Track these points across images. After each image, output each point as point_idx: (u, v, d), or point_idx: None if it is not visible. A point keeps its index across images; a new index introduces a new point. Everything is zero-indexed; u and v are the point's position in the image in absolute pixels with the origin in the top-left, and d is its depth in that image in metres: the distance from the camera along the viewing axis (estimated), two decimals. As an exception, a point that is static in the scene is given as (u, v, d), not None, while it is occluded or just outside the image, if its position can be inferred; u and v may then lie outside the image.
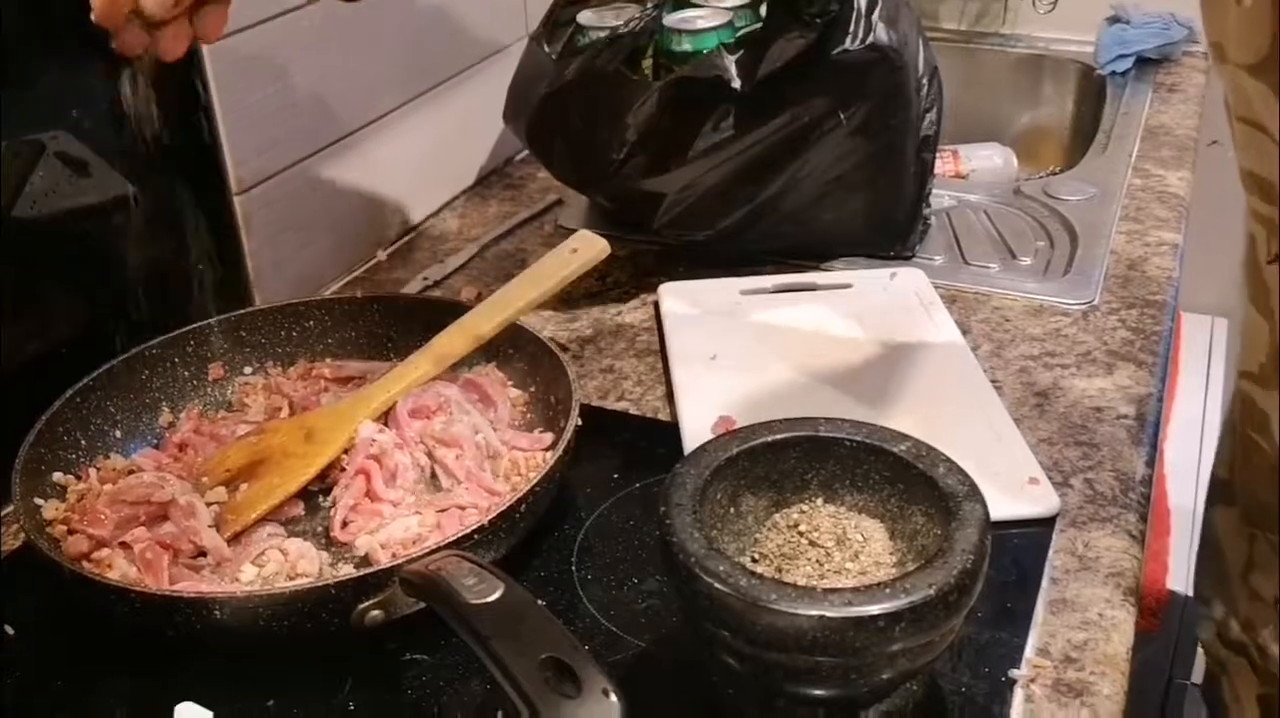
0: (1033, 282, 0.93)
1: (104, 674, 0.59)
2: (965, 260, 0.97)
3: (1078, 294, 0.90)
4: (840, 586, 0.49)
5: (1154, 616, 1.08)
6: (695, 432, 0.75)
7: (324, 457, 0.69)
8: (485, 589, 0.48)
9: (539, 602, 0.47)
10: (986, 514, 0.49)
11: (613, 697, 0.41)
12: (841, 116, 0.88)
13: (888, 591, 0.45)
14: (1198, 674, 1.11)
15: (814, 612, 0.44)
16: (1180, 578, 1.03)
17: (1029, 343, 0.85)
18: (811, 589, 0.46)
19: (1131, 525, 0.65)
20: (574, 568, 0.65)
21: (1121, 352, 0.82)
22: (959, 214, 1.04)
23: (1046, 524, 0.65)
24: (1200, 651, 1.06)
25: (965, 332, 0.85)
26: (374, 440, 0.70)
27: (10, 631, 0.62)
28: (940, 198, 1.05)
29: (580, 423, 0.67)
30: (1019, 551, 0.63)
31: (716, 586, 0.45)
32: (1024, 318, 0.88)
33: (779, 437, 0.56)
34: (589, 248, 0.79)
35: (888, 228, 0.96)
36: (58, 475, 0.68)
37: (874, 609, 0.44)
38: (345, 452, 0.70)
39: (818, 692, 0.47)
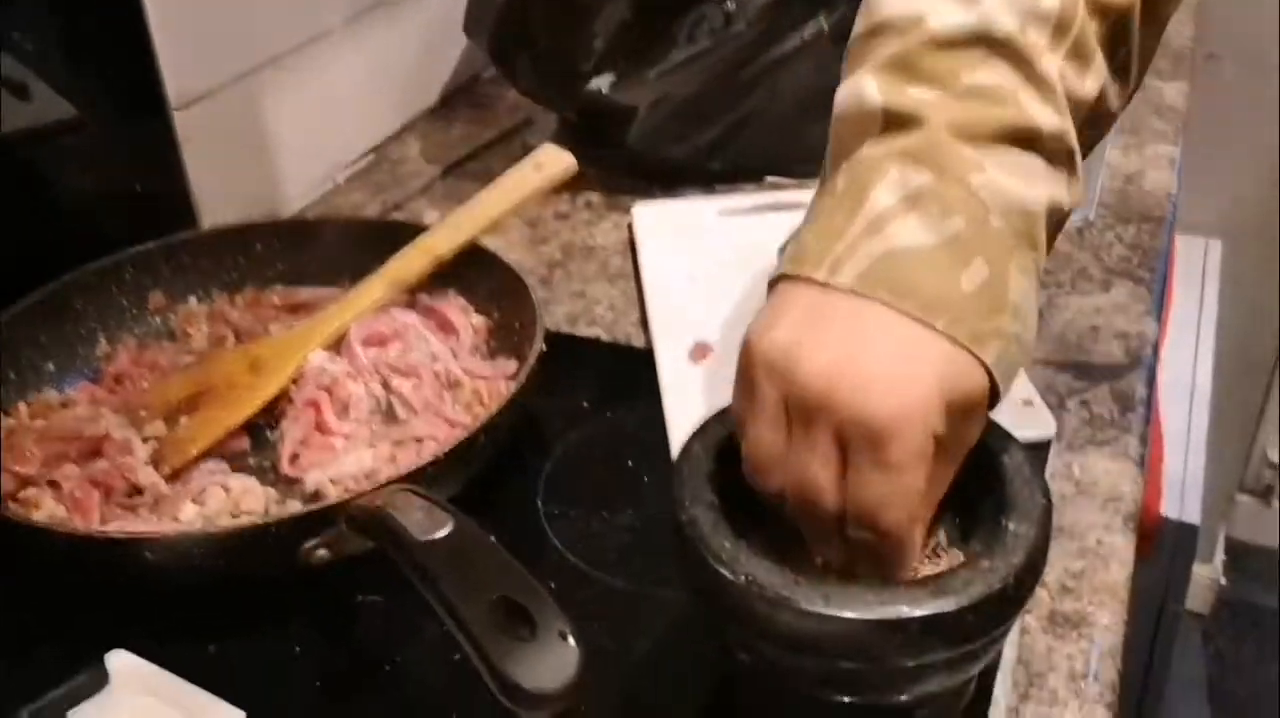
0: (1025, 197, 0.88)
1: (31, 621, 0.55)
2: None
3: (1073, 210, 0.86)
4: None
5: (1147, 541, 1.06)
6: (671, 359, 0.70)
7: (270, 388, 0.65)
8: (433, 525, 0.43)
9: (492, 538, 0.43)
10: (1049, 504, 0.43)
11: (570, 640, 0.37)
12: (823, 21, 0.82)
13: (926, 591, 0.38)
14: (1192, 601, 1.09)
15: (838, 613, 0.38)
16: (1175, 503, 1.00)
17: (1021, 260, 0.80)
18: (841, 586, 0.39)
19: (1131, 448, 0.62)
20: (540, 503, 0.61)
21: (1118, 269, 0.78)
22: (947, 129, 0.99)
23: (1041, 448, 0.61)
24: (1199, 582, 1.04)
25: (955, 249, 0.81)
26: (324, 370, 0.65)
27: (-66, 576, 0.57)
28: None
29: (545, 349, 0.63)
30: (1012, 476, 0.59)
31: (732, 578, 0.40)
32: (1016, 235, 0.83)
33: None
34: (554, 163, 0.74)
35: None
36: (-13, 409, 0.63)
37: (903, 613, 0.37)
38: (294, 382, 0.65)
39: (839, 698, 0.42)
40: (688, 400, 0.66)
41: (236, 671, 0.52)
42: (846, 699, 0.42)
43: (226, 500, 0.60)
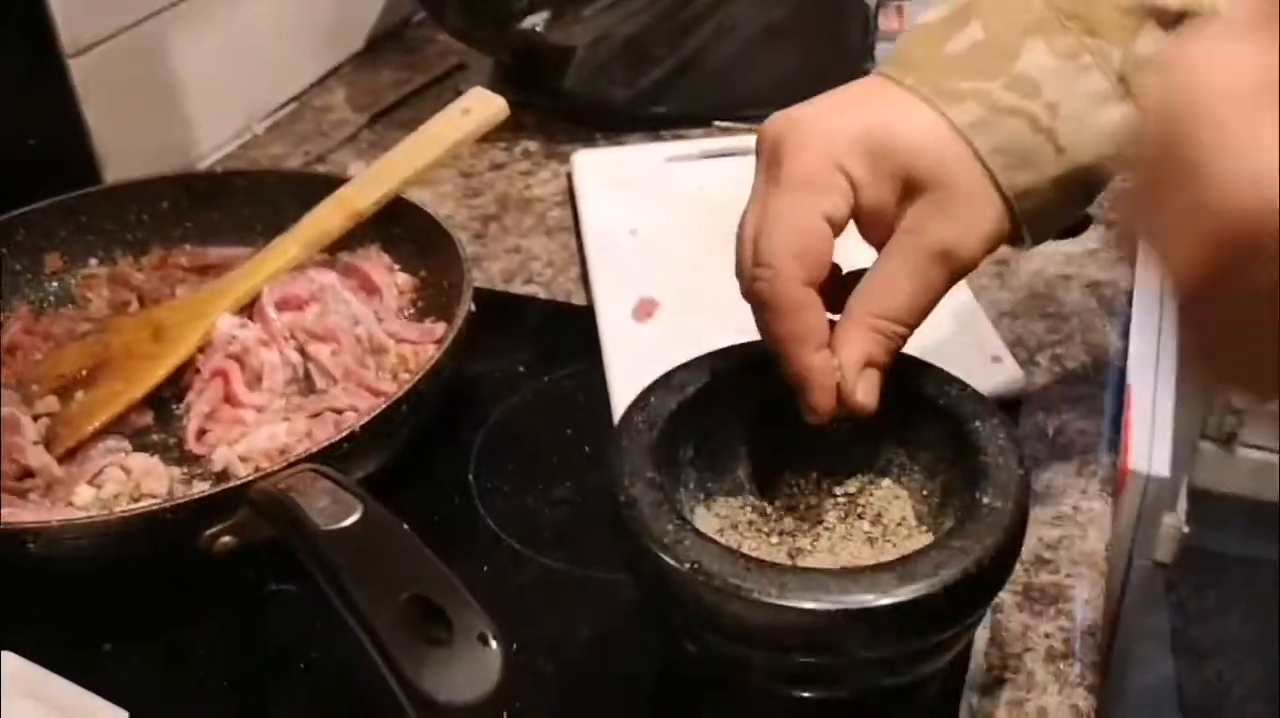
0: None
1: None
2: (912, 117, 0.88)
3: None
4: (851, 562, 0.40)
5: (1114, 495, 1.03)
6: (613, 317, 0.66)
7: (174, 357, 0.59)
8: (339, 512, 0.38)
9: (405, 527, 0.37)
10: (1026, 475, 0.38)
11: (492, 643, 0.33)
12: (772, -49, 0.77)
13: (892, 575, 0.34)
14: (1156, 550, 1.07)
15: (795, 603, 0.33)
16: (1143, 456, 0.97)
17: (986, 205, 0.76)
18: (802, 573, 0.35)
19: (1106, 405, 0.58)
20: (472, 477, 0.56)
21: (1089, 211, 0.74)
22: (904, 68, 0.94)
23: (1011, 407, 0.57)
24: (1164, 531, 1.02)
25: (915, 195, 0.76)
26: (234, 337, 0.59)
27: None
28: (885, 52, 0.94)
29: (475, 310, 0.57)
30: (980, 437, 0.55)
31: (676, 566, 0.35)
32: (979, 178, 0.79)
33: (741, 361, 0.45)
34: (484, 107, 0.68)
35: (827, 84, 0.86)
36: None
37: (867, 602, 0.33)
38: (201, 351, 0.60)
39: (796, 693, 0.38)
40: (632, 362, 0.62)
41: (133, 672, 0.47)
42: (804, 694, 0.38)
43: (126, 482, 0.54)
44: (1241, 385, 0.31)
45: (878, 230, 0.41)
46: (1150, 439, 1.00)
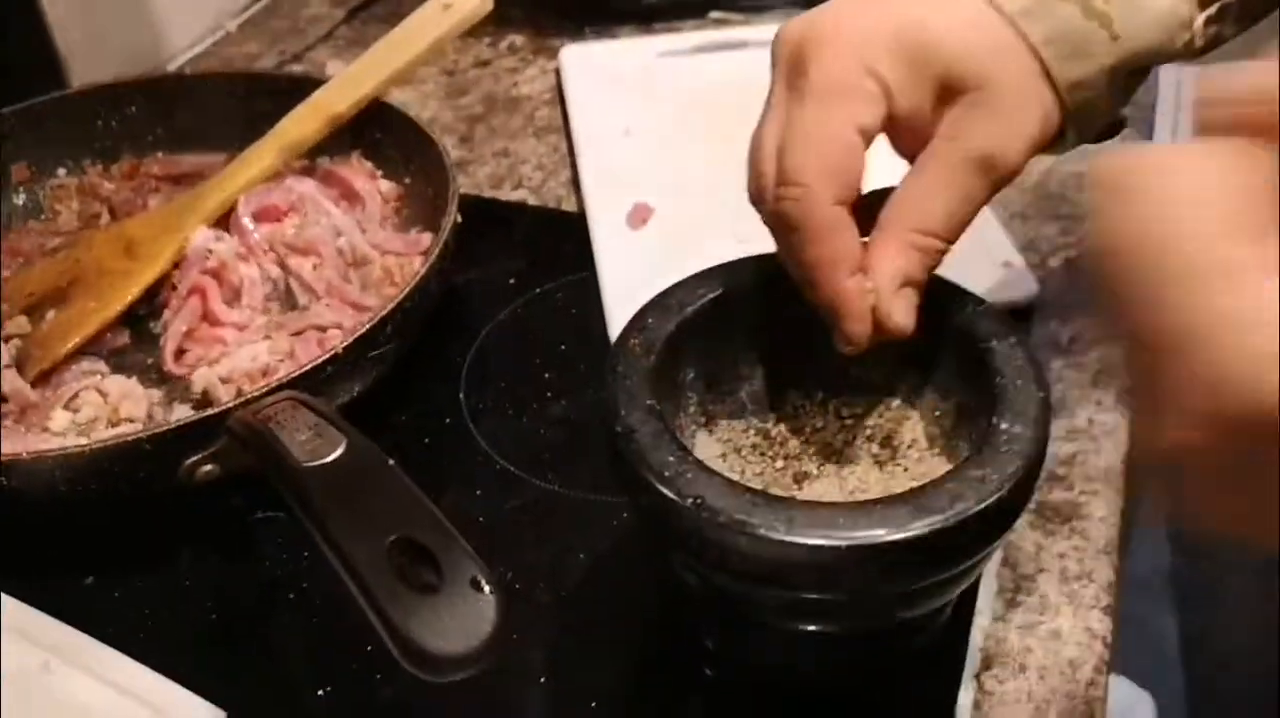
0: (999, 26, 0.80)
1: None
2: (918, 4, 0.83)
3: (1052, 38, 0.77)
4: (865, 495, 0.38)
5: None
6: (607, 224, 0.63)
7: (148, 273, 0.56)
8: (322, 446, 0.36)
9: (392, 462, 0.36)
10: (1047, 398, 0.36)
11: (485, 588, 0.31)
12: None
13: (907, 508, 0.32)
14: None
15: (803, 540, 0.31)
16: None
17: (996, 99, 0.72)
18: (811, 507, 0.33)
19: (1123, 311, 0.55)
20: (463, 396, 0.54)
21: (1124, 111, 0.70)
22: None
23: (1023, 314, 0.55)
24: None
25: (921, 89, 0.72)
26: (210, 251, 0.57)
27: None
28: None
29: (461, 220, 0.55)
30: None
31: (678, 500, 0.34)
32: (989, 70, 0.75)
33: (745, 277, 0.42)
34: (466, 1, 0.64)
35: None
36: None
37: (879, 537, 0.31)
38: (176, 266, 0.57)
39: (802, 627, 0.36)
40: (627, 272, 0.59)
41: (117, 605, 0.46)
42: (809, 628, 0.36)
43: (104, 406, 0.52)
44: (1245, 534, 0.28)
45: (912, 140, 0.38)
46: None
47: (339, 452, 0.36)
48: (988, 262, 0.57)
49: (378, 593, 0.31)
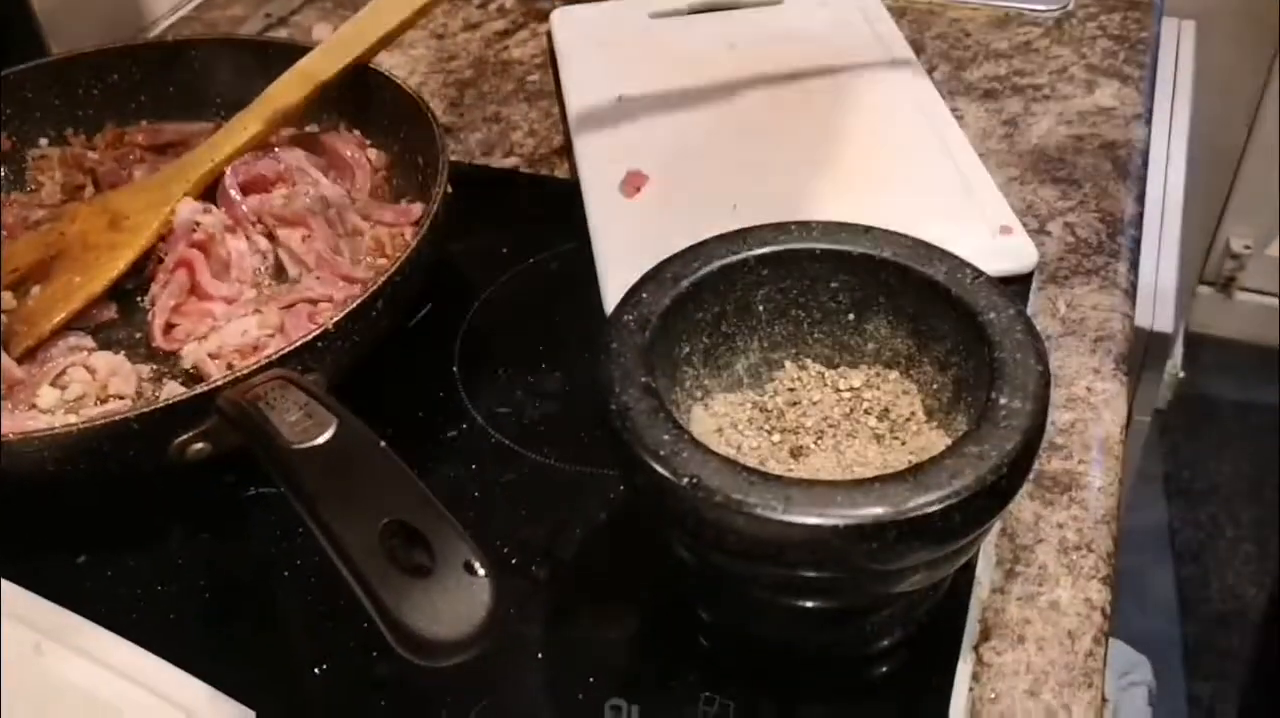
0: (996, -16, 0.79)
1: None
2: (915, -37, 0.82)
3: (1049, -3, 0.76)
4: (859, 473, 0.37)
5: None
6: (600, 193, 0.62)
7: (134, 246, 0.56)
8: (313, 427, 0.36)
9: (383, 444, 0.35)
10: (1046, 372, 0.36)
11: (479, 571, 0.30)
12: None
13: (905, 486, 0.32)
14: (1156, 400, 1.07)
15: (801, 519, 0.31)
16: (1146, 310, 0.95)
17: (994, 61, 0.71)
18: (807, 485, 0.33)
19: (1120, 277, 0.55)
20: (456, 369, 0.54)
21: (1103, 66, 0.69)
22: (906, -94, 0.88)
23: (1023, 281, 0.54)
24: (1167, 379, 1.00)
25: (919, 50, 0.72)
26: (197, 224, 0.56)
27: None
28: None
29: (450, 190, 0.54)
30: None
31: (674, 480, 0.33)
32: (987, 30, 0.74)
33: (750, 252, 0.41)
34: (454, -37, 0.63)
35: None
36: None
37: (878, 515, 0.31)
38: (162, 239, 0.56)
39: (798, 603, 0.36)
40: (621, 241, 0.58)
41: (108, 583, 0.45)
42: (808, 604, 0.36)
43: (92, 383, 0.52)
44: None
45: None
46: (1154, 292, 0.98)
47: (330, 433, 0.35)
48: (985, 228, 0.56)
49: (370, 578, 0.30)
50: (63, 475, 0.44)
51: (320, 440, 0.35)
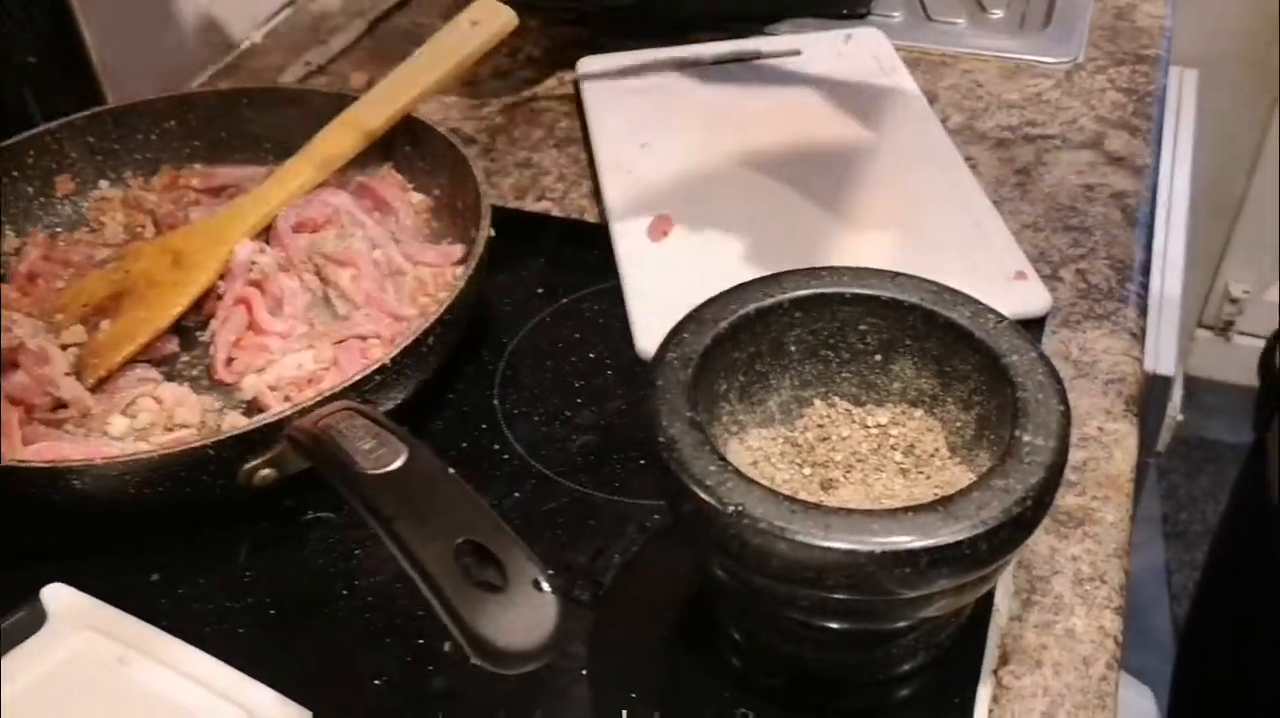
0: (1007, 38, 0.82)
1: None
2: (928, 16, 0.86)
3: (1059, 51, 0.80)
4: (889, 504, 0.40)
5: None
6: (629, 237, 0.65)
7: (196, 284, 0.59)
8: (386, 456, 0.39)
9: (451, 470, 0.38)
10: (1068, 412, 0.38)
11: (545, 588, 0.33)
12: None
13: (936, 516, 0.35)
14: (1156, 443, 1.09)
15: (839, 545, 0.34)
16: (1150, 355, 0.98)
17: (1006, 111, 0.75)
18: (845, 513, 0.35)
19: (1130, 322, 0.58)
20: (497, 402, 0.57)
21: (1112, 118, 0.73)
22: (919, -37, 0.92)
23: (1036, 325, 0.57)
24: (1166, 422, 1.03)
25: (932, 100, 0.75)
26: (254, 263, 0.59)
27: None
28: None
29: (494, 233, 0.57)
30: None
31: (720, 507, 0.36)
32: (999, 82, 0.78)
33: (791, 294, 0.44)
34: (492, 19, 0.67)
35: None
36: (-113, 317, 0.57)
37: (910, 543, 0.34)
38: (221, 277, 0.59)
39: (830, 624, 0.39)
40: (650, 283, 0.62)
41: (181, 599, 0.48)
42: (837, 625, 0.39)
43: (159, 412, 0.54)
44: None
45: None
46: (1157, 336, 1.01)
47: (402, 460, 0.38)
48: (1000, 274, 0.59)
49: (448, 593, 0.33)
50: (141, 498, 0.47)
51: (394, 467, 0.38)
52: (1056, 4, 0.85)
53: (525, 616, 0.33)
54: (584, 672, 0.45)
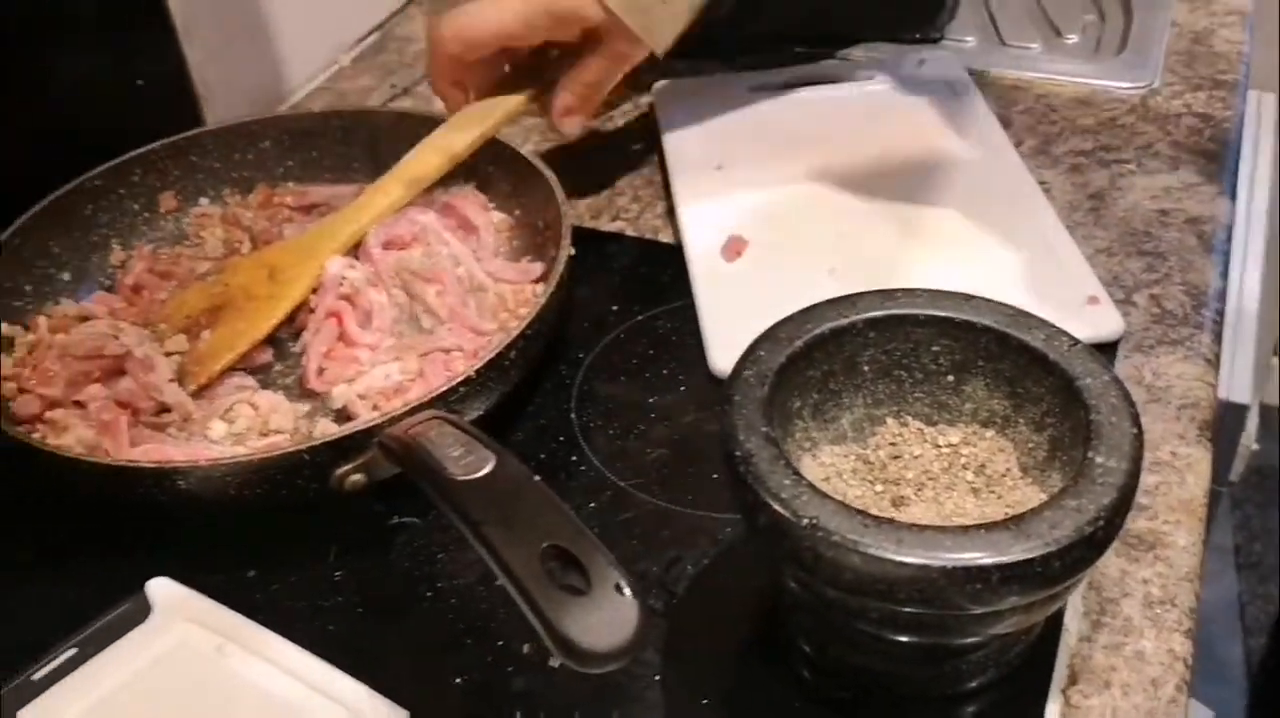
0: (1082, 63, 0.82)
1: (69, 547, 0.54)
2: (1002, 41, 0.86)
3: (1135, 76, 0.80)
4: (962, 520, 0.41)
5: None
6: (702, 257, 0.67)
7: (290, 298, 0.62)
8: (474, 463, 0.41)
9: (536, 478, 0.40)
10: (1140, 435, 0.39)
11: (627, 592, 0.35)
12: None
13: (1008, 534, 0.35)
14: (1230, 473, 1.08)
15: (911, 559, 0.35)
16: (1224, 382, 0.97)
17: (1080, 136, 0.75)
18: (917, 529, 0.37)
19: (1205, 348, 0.58)
20: (574, 416, 0.59)
21: (1188, 143, 0.73)
22: (993, -13, 0.93)
23: (1108, 349, 0.58)
24: (1240, 451, 1.02)
25: (1006, 125, 0.76)
26: (344, 278, 0.62)
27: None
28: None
29: (574, 251, 0.59)
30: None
31: (794, 520, 0.37)
32: (1073, 107, 0.78)
33: (863, 316, 0.45)
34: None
35: (912, 5, 0.85)
36: (4, 327, 0.61)
37: (982, 560, 0.35)
38: (313, 291, 0.62)
39: (901, 638, 0.40)
40: (723, 302, 0.63)
41: (276, 595, 0.51)
42: (908, 639, 0.40)
43: (255, 418, 0.57)
44: None
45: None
46: (1232, 364, 1.00)
47: (490, 467, 0.40)
48: (1074, 298, 0.60)
49: (535, 595, 0.35)
50: (240, 498, 0.49)
51: (482, 473, 0.40)
52: (1132, 29, 0.85)
53: (608, 617, 0.34)
54: (657, 678, 0.46)
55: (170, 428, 0.56)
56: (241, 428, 0.56)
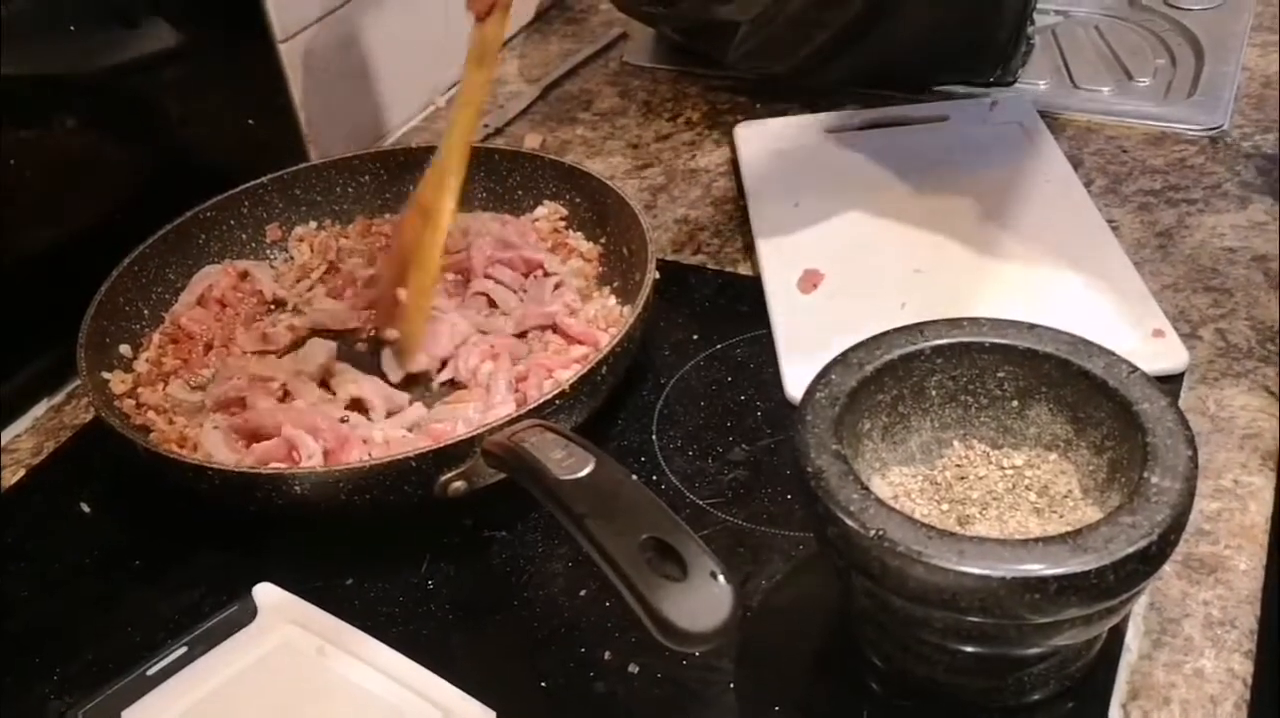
0: (1152, 105, 0.84)
1: (181, 552, 0.58)
2: (1074, 84, 0.88)
3: (1204, 118, 0.81)
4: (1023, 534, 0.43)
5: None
6: (780, 289, 0.69)
7: (441, 228, 0.66)
8: (575, 464, 0.44)
9: (634, 477, 0.43)
10: (1195, 456, 0.41)
11: (722, 579, 0.38)
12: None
13: (1066, 547, 0.38)
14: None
15: (972, 570, 0.38)
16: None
17: (1149, 176, 0.77)
18: (980, 541, 0.39)
19: (1270, 381, 0.59)
20: (655, 437, 0.62)
21: (1256, 183, 0.74)
22: (1066, 31, 0.94)
23: (1174, 381, 0.59)
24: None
25: (1077, 165, 0.78)
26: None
27: (87, 508, 0.61)
28: (1045, 13, 0.95)
29: (658, 275, 0.62)
30: (1140, 410, 0.57)
31: (862, 531, 0.40)
32: (1143, 147, 0.80)
33: (935, 342, 0.48)
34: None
35: (986, 50, 0.87)
36: (123, 348, 0.66)
37: (1040, 571, 0.37)
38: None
39: (964, 648, 0.42)
40: (799, 332, 0.66)
41: (372, 601, 0.54)
42: (971, 649, 0.42)
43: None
44: None
45: None
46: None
47: (590, 468, 0.43)
48: (1139, 331, 0.61)
49: (637, 582, 0.38)
50: (350, 504, 0.53)
51: (583, 473, 0.43)
52: (1203, 73, 0.86)
53: (704, 601, 0.37)
54: (731, 685, 0.48)
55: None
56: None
